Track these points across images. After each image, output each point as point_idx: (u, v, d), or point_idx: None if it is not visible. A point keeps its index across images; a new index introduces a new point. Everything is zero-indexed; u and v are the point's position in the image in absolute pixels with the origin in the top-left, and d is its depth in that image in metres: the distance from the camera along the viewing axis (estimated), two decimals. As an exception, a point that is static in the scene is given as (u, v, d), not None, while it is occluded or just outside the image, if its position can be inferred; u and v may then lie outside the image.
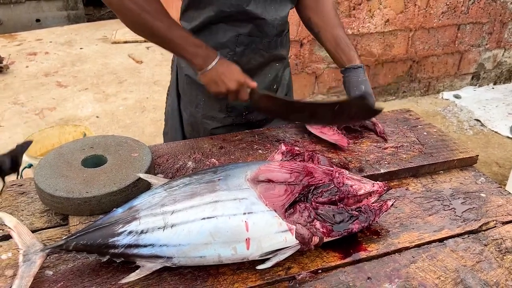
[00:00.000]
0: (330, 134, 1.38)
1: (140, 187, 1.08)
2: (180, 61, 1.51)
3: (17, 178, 1.54)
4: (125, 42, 5.96)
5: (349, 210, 0.98)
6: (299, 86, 3.90)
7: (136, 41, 5.94)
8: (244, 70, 1.33)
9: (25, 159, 2.49)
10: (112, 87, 4.67)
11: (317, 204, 0.97)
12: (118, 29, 6.37)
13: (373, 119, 1.45)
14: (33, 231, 1.00)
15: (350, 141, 1.37)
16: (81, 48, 5.81)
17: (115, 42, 5.98)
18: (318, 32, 1.50)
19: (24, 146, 1.32)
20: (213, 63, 1.27)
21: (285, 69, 1.62)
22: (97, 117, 4.05)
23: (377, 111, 1.29)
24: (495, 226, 1.07)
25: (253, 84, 1.31)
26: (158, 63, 5.29)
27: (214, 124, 1.53)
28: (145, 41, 5.93)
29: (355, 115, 1.32)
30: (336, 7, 1.55)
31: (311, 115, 1.36)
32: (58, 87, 4.66)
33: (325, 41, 1.49)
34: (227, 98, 1.34)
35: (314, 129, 1.41)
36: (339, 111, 1.30)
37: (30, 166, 2.44)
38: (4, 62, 5.05)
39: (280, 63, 1.54)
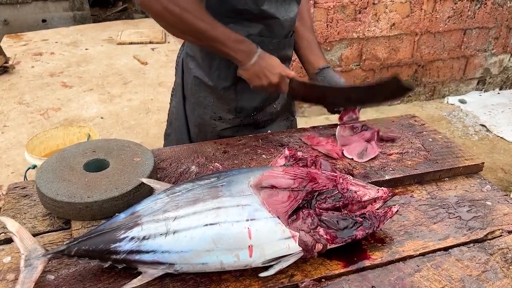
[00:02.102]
0: (323, 144, 1.38)
1: (142, 192, 1.07)
2: (189, 62, 1.50)
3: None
4: (131, 43, 5.97)
5: (353, 217, 0.97)
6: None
7: (141, 42, 5.96)
8: None
9: (29, 160, 2.50)
10: (117, 88, 4.68)
11: (320, 211, 0.96)
12: (123, 30, 6.39)
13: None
14: (35, 235, 1.00)
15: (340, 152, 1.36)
16: (86, 49, 5.83)
17: (120, 43, 5.99)
18: (296, 35, 1.56)
19: None
20: (255, 57, 1.29)
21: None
22: (102, 118, 4.06)
23: (409, 89, 1.32)
24: (501, 235, 1.06)
25: (292, 73, 1.34)
26: (163, 65, 5.29)
27: (222, 125, 1.53)
28: (150, 42, 5.95)
29: (387, 95, 1.35)
30: (310, 10, 1.61)
31: (347, 99, 1.41)
32: (63, 88, 4.67)
33: (299, 44, 1.56)
34: (265, 92, 1.39)
35: (309, 140, 1.41)
36: (373, 93, 1.35)
37: (34, 167, 2.45)
38: (10, 62, 5.06)
39: (287, 63, 1.54)
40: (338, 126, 1.42)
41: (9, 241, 0.98)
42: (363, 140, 1.37)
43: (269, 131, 1.57)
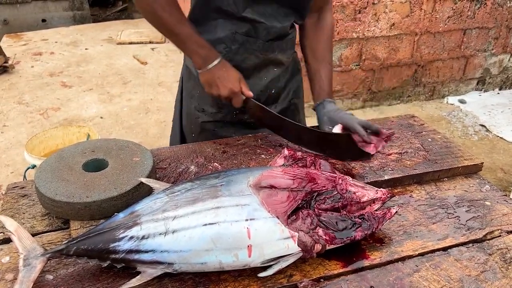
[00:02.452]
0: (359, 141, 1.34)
1: (141, 192, 1.07)
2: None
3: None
4: (130, 43, 5.97)
5: (352, 218, 0.97)
6: (303, 89, 3.89)
7: (141, 42, 5.96)
8: (239, 69, 1.34)
9: (29, 159, 2.50)
10: (116, 88, 4.68)
11: (320, 211, 0.96)
12: (123, 30, 6.38)
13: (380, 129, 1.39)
14: (34, 235, 1.00)
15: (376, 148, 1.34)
16: (86, 49, 5.82)
17: (120, 43, 5.99)
18: (306, 64, 1.56)
19: None
20: (211, 65, 1.30)
21: (293, 75, 1.61)
22: (101, 117, 4.06)
23: (365, 154, 1.31)
24: (500, 235, 1.06)
25: (249, 93, 1.33)
26: (162, 64, 5.29)
27: (204, 117, 1.53)
28: (150, 42, 5.95)
29: (341, 151, 1.31)
30: (331, 38, 1.57)
31: (298, 137, 1.37)
32: (63, 87, 4.67)
33: (308, 74, 1.54)
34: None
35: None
36: (326, 142, 1.32)
37: (33, 166, 2.45)
38: (10, 62, 5.06)
39: (278, 68, 1.53)
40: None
41: (7, 240, 0.98)
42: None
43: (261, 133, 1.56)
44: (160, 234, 0.87)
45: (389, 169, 1.27)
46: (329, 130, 1.38)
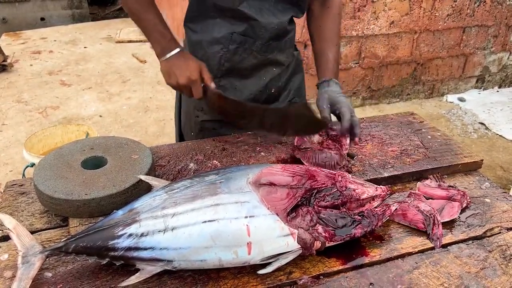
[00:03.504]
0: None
1: (140, 189, 1.07)
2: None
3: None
4: (129, 41, 5.96)
5: (351, 215, 0.97)
6: (303, 88, 3.88)
7: (140, 41, 5.94)
8: (237, 70, 1.32)
9: (28, 158, 2.50)
10: (115, 86, 4.67)
11: (319, 208, 0.96)
12: (122, 29, 6.38)
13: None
14: (33, 232, 0.99)
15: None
16: (85, 47, 5.82)
17: (119, 42, 5.98)
18: (312, 45, 1.52)
19: None
20: (169, 54, 1.28)
21: (294, 74, 1.59)
22: (100, 116, 4.05)
23: (322, 124, 1.25)
24: (500, 232, 1.06)
25: (208, 82, 1.27)
26: (161, 63, 5.28)
27: (204, 116, 1.52)
28: (149, 41, 5.93)
29: (300, 125, 1.28)
30: (339, 19, 1.52)
31: (260, 121, 1.32)
32: (62, 86, 4.66)
33: (314, 54, 1.50)
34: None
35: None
36: (285, 119, 1.26)
37: (32, 165, 2.44)
38: (9, 61, 5.05)
39: (277, 68, 1.51)
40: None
41: (6, 238, 0.98)
42: (446, 197, 1.15)
43: None
44: (159, 231, 0.87)
45: (389, 166, 1.27)
46: (327, 109, 1.31)
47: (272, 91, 1.54)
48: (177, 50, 1.29)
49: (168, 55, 1.29)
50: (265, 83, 1.50)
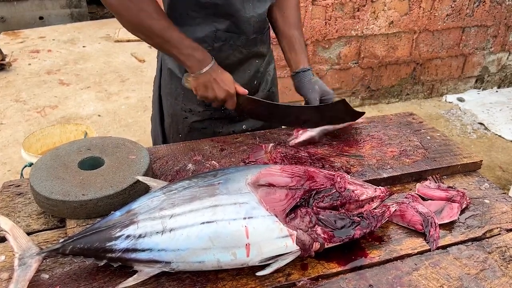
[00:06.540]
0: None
1: (138, 190, 1.06)
2: (164, 54, 1.50)
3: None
4: (128, 40, 5.95)
5: (350, 216, 0.97)
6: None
7: (139, 40, 5.89)
8: (223, 66, 1.33)
9: (26, 157, 2.49)
10: (114, 85, 4.66)
11: (318, 209, 0.95)
12: (121, 28, 6.33)
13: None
14: (30, 233, 0.99)
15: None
16: (83, 46, 5.80)
17: (118, 41, 5.97)
18: (277, 32, 1.54)
19: None
20: (207, 67, 1.28)
21: (269, 64, 1.62)
22: (99, 115, 4.04)
23: (359, 114, 1.37)
24: (499, 234, 1.05)
25: (244, 91, 1.33)
26: (160, 62, 5.27)
27: (193, 117, 1.52)
28: (148, 40, 5.92)
29: (337, 117, 1.40)
30: (299, 7, 1.57)
31: (296, 118, 1.41)
32: (60, 85, 4.65)
33: (281, 42, 1.53)
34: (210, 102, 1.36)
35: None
36: (322, 114, 1.37)
37: (30, 165, 2.43)
38: (7, 60, 5.04)
39: (260, 60, 1.54)
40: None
41: (2, 240, 0.97)
42: (445, 198, 1.15)
43: (243, 126, 1.58)
44: (157, 232, 0.86)
45: (388, 167, 1.26)
46: (326, 100, 1.43)
47: (255, 82, 1.56)
48: (213, 62, 1.30)
49: (205, 69, 1.28)
50: (250, 76, 1.53)
